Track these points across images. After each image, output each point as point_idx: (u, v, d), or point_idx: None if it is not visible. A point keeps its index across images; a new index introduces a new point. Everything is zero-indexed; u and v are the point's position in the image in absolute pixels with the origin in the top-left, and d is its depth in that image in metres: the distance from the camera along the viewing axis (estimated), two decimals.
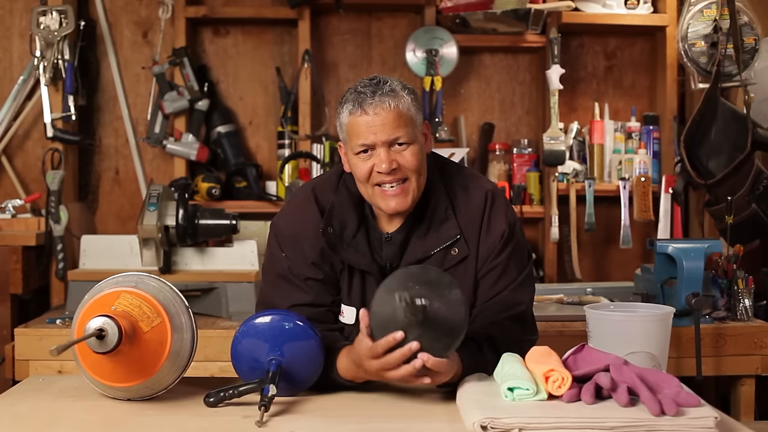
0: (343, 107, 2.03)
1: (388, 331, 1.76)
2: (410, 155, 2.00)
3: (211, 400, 1.80)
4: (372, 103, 1.98)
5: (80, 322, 1.77)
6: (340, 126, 2.06)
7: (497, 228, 2.07)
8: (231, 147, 3.83)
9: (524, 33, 3.82)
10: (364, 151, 2.00)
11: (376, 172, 1.99)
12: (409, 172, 2.01)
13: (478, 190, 2.11)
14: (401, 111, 1.99)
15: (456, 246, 2.06)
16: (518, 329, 2.08)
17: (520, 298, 2.09)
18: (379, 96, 1.98)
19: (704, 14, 3.54)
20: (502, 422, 1.57)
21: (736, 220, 3.31)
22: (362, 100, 1.99)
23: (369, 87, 2.00)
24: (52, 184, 3.47)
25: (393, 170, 1.98)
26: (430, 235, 2.06)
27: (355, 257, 2.06)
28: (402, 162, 1.99)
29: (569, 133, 3.88)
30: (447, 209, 2.07)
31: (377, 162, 1.98)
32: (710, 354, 3.08)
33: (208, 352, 2.96)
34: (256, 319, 1.90)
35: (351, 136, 2.01)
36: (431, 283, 1.77)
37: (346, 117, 2.02)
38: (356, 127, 1.99)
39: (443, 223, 2.07)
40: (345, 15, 3.89)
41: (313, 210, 2.10)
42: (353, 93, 2.02)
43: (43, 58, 3.55)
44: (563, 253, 3.88)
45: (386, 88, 1.99)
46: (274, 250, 2.14)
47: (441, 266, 2.02)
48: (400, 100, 1.99)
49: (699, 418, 1.57)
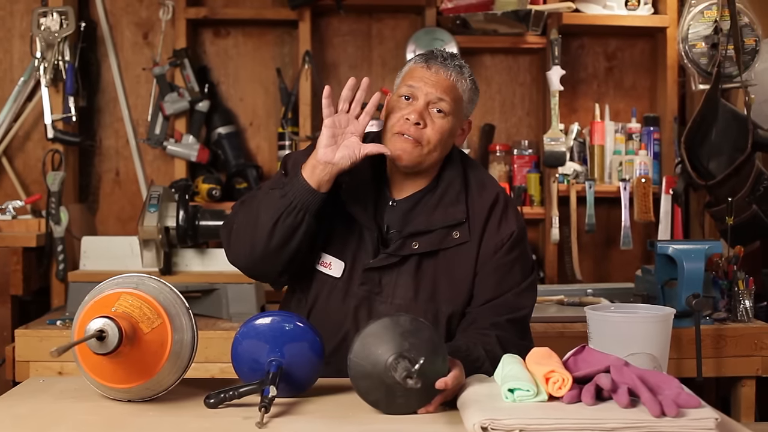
0: (410, 61, 2.17)
1: (370, 381, 1.76)
2: (438, 126, 2.09)
3: (211, 402, 1.80)
4: (438, 64, 2.11)
5: (81, 324, 1.77)
6: (400, 73, 2.18)
7: (507, 227, 2.13)
8: (231, 148, 3.83)
9: (525, 34, 3.82)
10: (407, 98, 2.10)
11: (404, 119, 2.07)
12: (428, 138, 2.08)
13: (494, 188, 2.18)
14: (456, 87, 2.12)
15: (458, 229, 2.11)
16: (518, 332, 2.10)
17: (523, 303, 2.13)
18: (447, 63, 2.12)
19: (705, 15, 3.54)
20: (503, 423, 1.57)
21: (737, 222, 3.31)
22: (431, 58, 2.12)
23: (443, 54, 2.15)
24: (52, 186, 3.47)
25: (417, 124, 2.07)
26: (437, 212, 2.12)
27: (361, 214, 2.12)
28: (429, 126, 2.08)
29: (570, 134, 3.88)
30: (459, 194, 2.13)
31: (410, 110, 2.07)
32: (711, 355, 3.08)
33: (209, 353, 2.96)
34: (257, 321, 1.90)
35: (404, 80, 2.14)
36: (407, 335, 1.76)
37: (408, 66, 2.16)
38: (413, 73, 2.12)
39: (453, 205, 2.12)
40: (345, 16, 3.89)
41: None
42: (428, 52, 2.16)
43: (44, 59, 3.55)
44: (564, 254, 3.88)
45: (456, 63, 2.14)
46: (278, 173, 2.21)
47: (439, 245, 2.09)
48: (462, 80, 2.13)
49: (699, 420, 1.57)
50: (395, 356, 1.73)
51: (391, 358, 1.73)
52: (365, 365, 1.75)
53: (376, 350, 1.75)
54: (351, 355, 1.77)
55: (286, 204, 2.01)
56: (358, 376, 1.77)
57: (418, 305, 2.10)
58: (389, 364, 1.73)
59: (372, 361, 1.75)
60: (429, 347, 1.76)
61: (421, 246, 2.09)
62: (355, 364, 1.77)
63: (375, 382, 1.76)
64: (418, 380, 1.69)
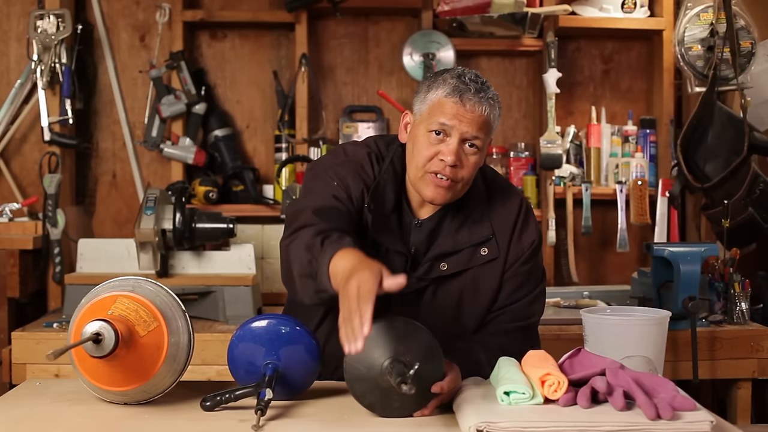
0: (437, 86, 2.02)
1: (365, 384, 1.76)
2: (473, 162, 2.01)
3: (207, 404, 1.80)
4: (472, 100, 1.98)
5: (77, 326, 1.77)
6: (422, 99, 2.04)
7: (529, 236, 2.12)
8: (228, 151, 3.83)
9: (521, 37, 3.82)
10: (438, 133, 1.99)
11: (439, 159, 1.99)
12: (462, 176, 2.01)
13: (516, 197, 2.15)
14: (489, 121, 2.01)
15: (486, 246, 2.08)
16: (525, 340, 2.09)
17: (534, 310, 2.13)
18: (481, 97, 1.99)
19: (701, 18, 3.55)
20: (499, 426, 1.57)
21: (733, 224, 3.31)
22: (464, 92, 1.98)
23: (475, 84, 2.00)
24: (49, 188, 3.47)
25: (453, 167, 1.99)
26: (463, 231, 2.08)
27: (388, 238, 2.06)
28: (464, 163, 2.00)
29: (566, 136, 3.88)
30: (483, 211, 2.10)
31: (445, 150, 1.98)
32: (707, 357, 3.09)
33: (205, 355, 2.97)
34: (253, 323, 1.90)
35: (434, 112, 2.00)
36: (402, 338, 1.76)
37: (437, 95, 2.00)
38: (445, 107, 1.99)
39: (477, 223, 2.09)
40: (342, 19, 3.89)
41: (367, 176, 2.08)
42: (456, 79, 2.00)
43: (41, 61, 3.55)
44: (560, 256, 3.88)
45: (489, 94, 2.01)
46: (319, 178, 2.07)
47: (468, 264, 2.06)
48: (494, 111, 2.02)
49: (695, 422, 1.58)
50: (390, 360, 1.73)
51: (387, 362, 1.73)
52: (360, 368, 1.76)
53: (371, 353, 1.74)
54: (346, 358, 1.77)
55: (324, 298, 1.84)
56: (353, 379, 1.77)
57: (445, 325, 2.03)
58: (384, 368, 1.73)
59: (367, 365, 1.75)
60: (425, 351, 1.76)
61: (450, 267, 2.06)
62: (350, 367, 1.77)
63: (370, 385, 1.76)
64: (412, 386, 1.69)
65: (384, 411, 1.77)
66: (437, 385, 1.76)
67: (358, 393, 1.78)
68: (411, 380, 1.69)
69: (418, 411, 1.78)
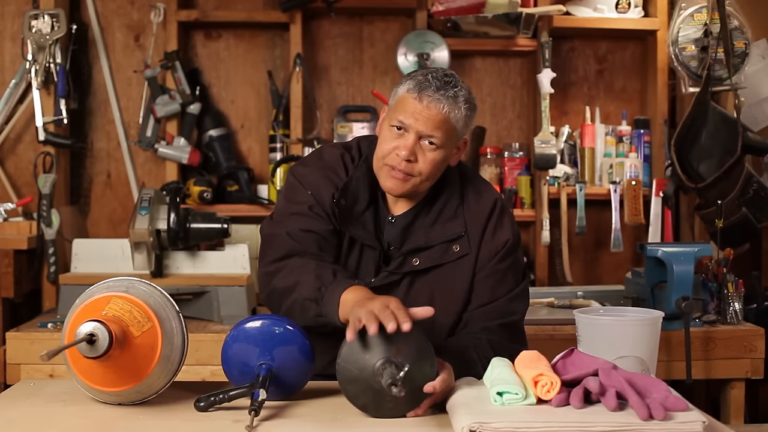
0: (406, 81, 2.07)
1: (358, 386, 1.76)
2: (430, 159, 2.04)
3: (201, 405, 1.80)
4: (430, 97, 2.02)
5: (71, 327, 1.77)
6: (395, 93, 2.10)
7: (503, 235, 2.14)
8: (223, 150, 3.83)
9: (515, 37, 3.82)
10: (398, 128, 2.04)
11: (395, 154, 2.04)
12: (419, 170, 2.05)
13: (490, 196, 2.18)
14: (449, 119, 2.03)
15: (458, 243, 2.10)
16: (509, 336, 2.10)
17: (515, 308, 2.14)
18: (440, 95, 2.02)
19: (695, 18, 3.56)
20: (492, 427, 1.57)
21: (727, 224, 3.32)
22: (424, 88, 2.02)
23: (437, 81, 2.03)
24: (43, 188, 3.47)
25: (408, 161, 2.03)
26: (436, 227, 2.11)
27: (362, 233, 2.10)
28: (420, 160, 2.04)
29: (560, 136, 3.89)
30: (458, 208, 2.13)
31: (401, 145, 2.03)
32: (700, 357, 3.09)
33: (200, 355, 2.97)
34: (247, 324, 1.91)
35: (396, 109, 2.06)
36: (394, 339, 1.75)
37: (403, 91, 2.06)
38: (404, 105, 2.04)
39: (451, 220, 2.12)
40: (337, 19, 3.89)
41: (338, 177, 2.14)
42: (422, 76, 2.05)
43: (35, 61, 3.54)
44: (554, 256, 3.89)
45: (450, 93, 2.03)
46: (295, 188, 2.15)
47: (440, 260, 2.09)
48: (455, 109, 2.04)
49: (687, 423, 1.58)
50: (382, 361, 1.74)
51: (379, 363, 1.74)
52: (353, 369, 1.76)
53: (363, 355, 1.75)
54: (339, 360, 1.77)
55: (321, 322, 1.93)
56: (346, 380, 1.77)
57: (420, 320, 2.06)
58: (376, 369, 1.74)
59: (360, 366, 1.75)
60: (416, 351, 1.76)
61: (422, 262, 2.09)
62: (343, 368, 1.77)
63: (363, 386, 1.76)
64: (402, 388, 1.69)
65: (377, 412, 1.78)
66: (429, 385, 1.76)
67: (350, 394, 1.78)
68: (401, 382, 1.69)
69: (411, 411, 1.78)
